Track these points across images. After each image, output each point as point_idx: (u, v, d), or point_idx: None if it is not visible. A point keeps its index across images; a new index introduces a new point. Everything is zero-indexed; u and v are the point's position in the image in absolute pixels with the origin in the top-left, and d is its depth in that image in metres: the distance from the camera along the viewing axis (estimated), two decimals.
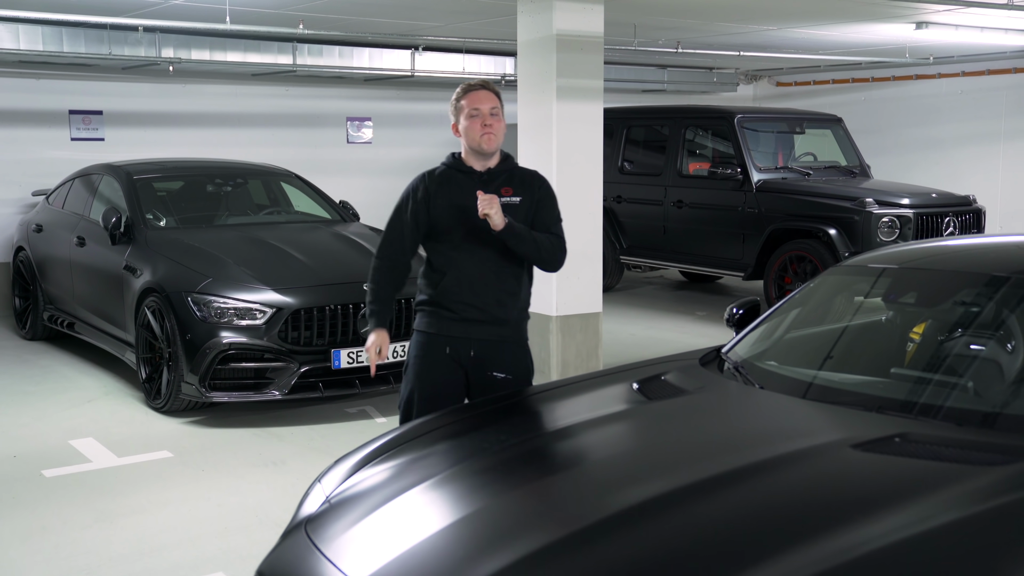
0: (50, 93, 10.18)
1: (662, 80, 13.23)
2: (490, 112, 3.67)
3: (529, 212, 3.78)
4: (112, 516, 4.65)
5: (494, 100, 3.71)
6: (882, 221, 8.80)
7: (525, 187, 3.80)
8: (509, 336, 3.77)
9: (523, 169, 3.90)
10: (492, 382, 3.72)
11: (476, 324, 3.72)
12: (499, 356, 3.74)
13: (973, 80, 12.79)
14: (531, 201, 3.78)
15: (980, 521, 2.26)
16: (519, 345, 3.82)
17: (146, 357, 6.51)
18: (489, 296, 3.72)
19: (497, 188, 3.72)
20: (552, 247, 3.77)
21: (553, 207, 3.86)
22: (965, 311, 3.44)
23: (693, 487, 2.51)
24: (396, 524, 2.59)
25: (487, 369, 3.73)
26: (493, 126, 3.67)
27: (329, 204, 8.05)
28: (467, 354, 3.73)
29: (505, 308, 3.74)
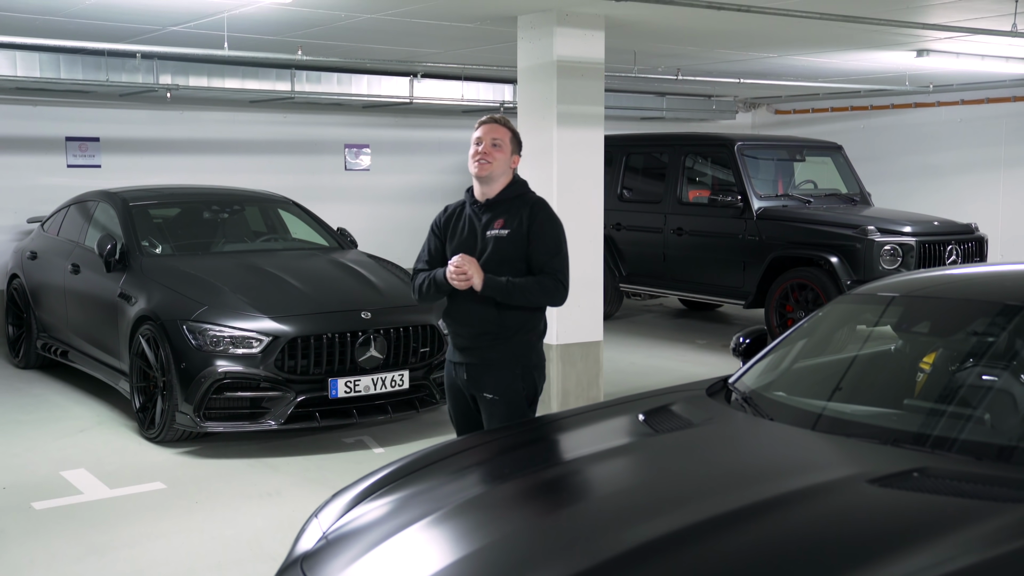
0: (47, 120, 10.13)
1: (661, 108, 13.21)
2: (491, 142, 3.85)
3: (520, 242, 3.82)
4: (104, 549, 4.53)
5: (500, 132, 3.88)
6: (884, 249, 8.74)
7: (518, 217, 3.85)
8: (496, 359, 3.87)
9: (527, 197, 3.93)
10: (485, 403, 3.90)
11: (468, 351, 3.92)
12: (485, 378, 3.88)
13: (972, 108, 12.79)
14: (520, 231, 3.82)
15: (1004, 562, 2.17)
16: (507, 367, 3.86)
17: (140, 386, 6.40)
18: (474, 327, 3.87)
19: (492, 219, 3.88)
20: (543, 289, 3.82)
21: (547, 239, 3.85)
22: (977, 340, 3.37)
23: (706, 523, 2.42)
24: (396, 562, 2.50)
25: (479, 390, 3.90)
26: (488, 154, 3.84)
27: (327, 231, 7.97)
28: (462, 377, 3.96)
29: (491, 336, 3.85)
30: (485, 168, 3.81)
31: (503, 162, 3.83)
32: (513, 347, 3.85)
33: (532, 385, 3.90)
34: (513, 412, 3.84)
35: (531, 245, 3.81)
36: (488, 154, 3.81)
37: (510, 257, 3.80)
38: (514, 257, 3.81)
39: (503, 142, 3.84)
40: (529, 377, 3.88)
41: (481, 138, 3.84)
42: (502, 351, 3.84)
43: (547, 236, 3.84)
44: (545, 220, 3.86)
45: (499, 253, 3.80)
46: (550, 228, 3.86)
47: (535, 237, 3.82)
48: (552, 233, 3.86)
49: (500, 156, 3.82)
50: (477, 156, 3.82)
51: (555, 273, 3.83)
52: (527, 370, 3.88)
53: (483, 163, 3.81)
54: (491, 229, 3.83)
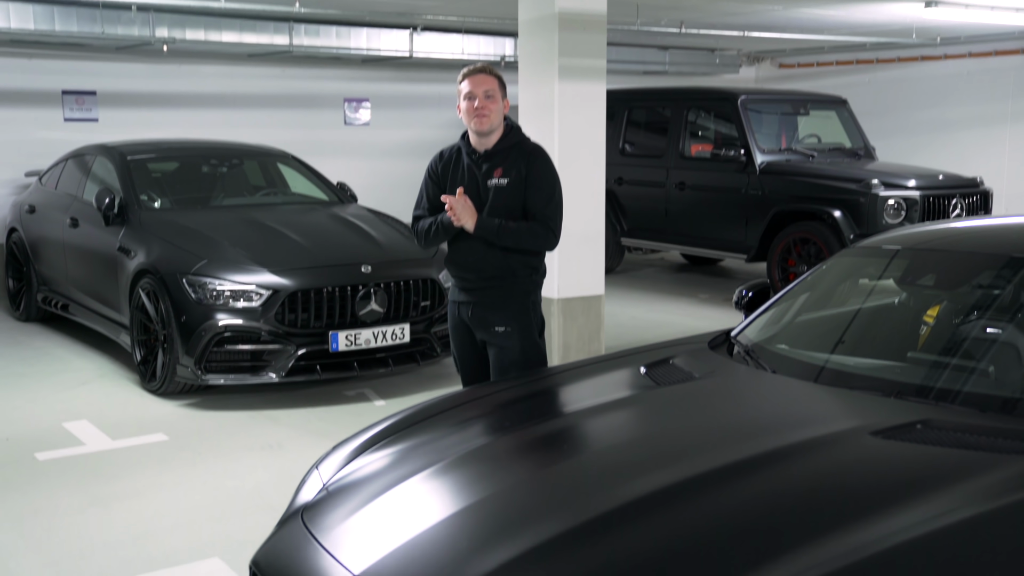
0: (43, 73, 10.03)
1: (663, 62, 13.08)
2: (484, 94, 3.88)
3: (519, 191, 3.94)
4: (106, 500, 4.55)
5: (489, 82, 3.91)
6: (888, 203, 8.69)
7: (517, 166, 3.94)
8: (506, 295, 3.98)
9: (524, 145, 4.01)
10: (496, 337, 3.99)
11: (472, 290, 4.03)
12: (495, 312, 3.99)
13: (979, 61, 12.65)
14: (519, 179, 3.92)
15: (1007, 514, 2.16)
16: (517, 301, 4.00)
17: (141, 339, 6.40)
18: (480, 271, 3.98)
19: (491, 170, 3.95)
20: (533, 234, 3.95)
21: (543, 187, 3.96)
22: (982, 293, 3.34)
23: (707, 476, 2.41)
24: (396, 513, 2.49)
25: (488, 326, 4.00)
26: (485, 107, 3.88)
27: (327, 185, 7.92)
28: (467, 314, 4.04)
29: (497, 279, 3.98)
30: (484, 123, 3.89)
31: (498, 112, 3.91)
32: (520, 284, 4.01)
33: (540, 318, 4.09)
34: (526, 342, 4.00)
35: (528, 193, 3.93)
36: (484, 107, 3.86)
37: (511, 205, 3.94)
38: (514, 206, 3.95)
39: (494, 91, 3.90)
40: (536, 310, 4.07)
41: (472, 92, 3.88)
42: (510, 289, 3.98)
43: (542, 184, 3.96)
44: (541, 168, 3.98)
45: (500, 202, 3.92)
46: (546, 176, 3.98)
47: (531, 185, 3.94)
48: (547, 181, 3.98)
49: (495, 107, 3.89)
50: (474, 112, 3.87)
51: (546, 220, 3.97)
52: (535, 304, 4.06)
53: (481, 117, 3.87)
54: (491, 179, 3.95)
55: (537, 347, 4.05)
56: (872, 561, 1.99)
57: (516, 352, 3.97)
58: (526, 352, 3.99)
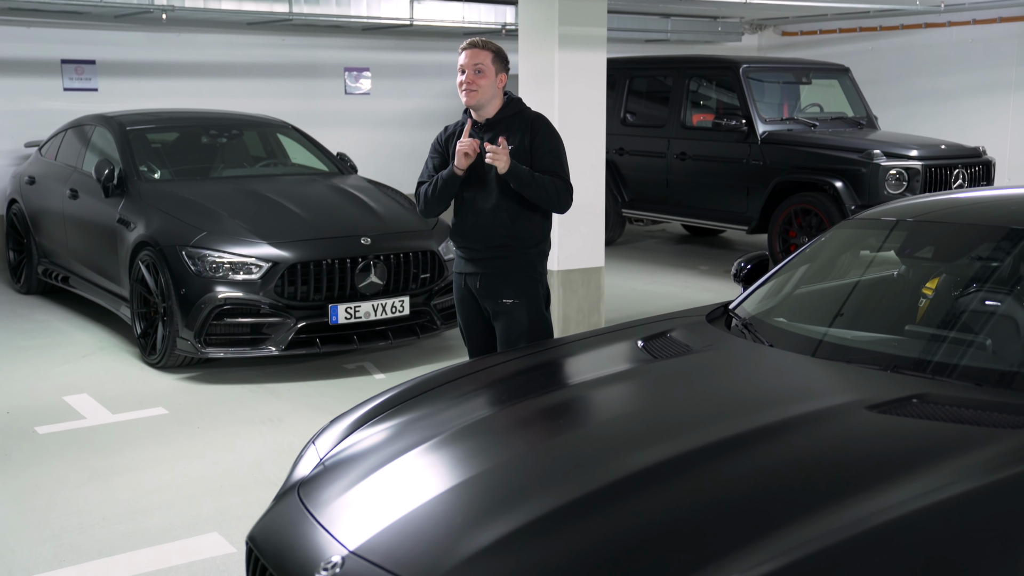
0: (41, 42, 9.95)
1: (665, 30, 12.96)
2: (473, 69, 3.92)
3: (523, 159, 3.96)
4: (106, 474, 4.57)
5: (481, 56, 3.93)
6: (890, 173, 8.64)
7: (521, 134, 3.98)
8: (513, 265, 4.02)
9: (526, 114, 4.05)
10: (503, 308, 4.03)
11: (481, 261, 4.07)
12: (503, 284, 4.03)
13: (984, 28, 12.52)
14: (524, 148, 3.95)
15: (1003, 488, 2.16)
16: (525, 272, 4.05)
17: (141, 312, 6.40)
18: (489, 239, 4.02)
19: (493, 139, 3.94)
20: (556, 189, 4.00)
21: (551, 152, 4.01)
22: (981, 265, 3.32)
23: (703, 450, 2.41)
24: (393, 488, 2.50)
25: (496, 297, 4.04)
26: (473, 82, 3.91)
27: (327, 156, 7.88)
28: (475, 285, 4.08)
29: (506, 247, 4.02)
30: (472, 96, 3.93)
31: (488, 86, 3.94)
32: (527, 256, 4.06)
33: (547, 290, 4.15)
34: (533, 313, 4.05)
35: (535, 158, 3.96)
36: (472, 82, 3.90)
37: None
38: None
39: (485, 65, 3.92)
40: (543, 282, 4.12)
41: (464, 66, 3.92)
42: (517, 260, 4.03)
43: (550, 149, 4.01)
44: (547, 134, 4.03)
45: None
46: (552, 140, 4.03)
47: (537, 150, 3.98)
48: (554, 145, 4.03)
49: (484, 82, 3.92)
50: (462, 86, 3.92)
51: (564, 180, 4.04)
52: (541, 276, 4.12)
53: (469, 92, 3.92)
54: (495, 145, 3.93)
55: (544, 319, 4.12)
56: (868, 535, 1.99)
57: (523, 324, 4.03)
58: (533, 324, 4.06)
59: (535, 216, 4.05)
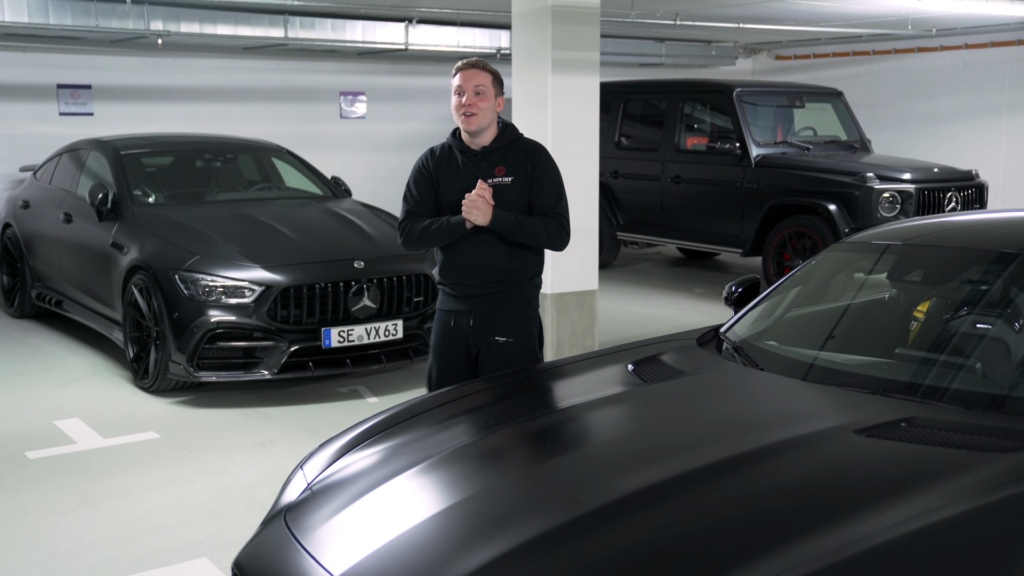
0: (38, 67, 10.00)
1: (660, 54, 13.04)
2: (474, 91, 3.69)
3: (523, 190, 3.77)
4: (96, 499, 4.54)
5: (481, 78, 3.71)
6: (883, 196, 8.67)
7: (520, 164, 3.78)
8: (509, 303, 3.81)
9: (523, 142, 3.84)
10: (495, 347, 3.78)
11: (475, 299, 3.80)
12: (499, 322, 3.79)
13: (976, 52, 12.61)
14: (524, 178, 3.76)
15: (991, 512, 2.15)
16: (521, 311, 3.84)
17: (134, 336, 6.39)
18: (484, 275, 3.77)
19: (491, 167, 3.75)
20: (548, 231, 3.79)
21: (551, 185, 3.82)
22: (972, 289, 3.33)
23: (692, 474, 2.40)
24: (380, 513, 2.48)
25: (488, 335, 3.79)
26: (474, 105, 3.69)
27: (321, 180, 7.90)
28: (467, 323, 3.81)
29: (501, 283, 3.80)
30: (473, 122, 3.69)
31: (489, 110, 3.71)
32: (522, 290, 3.84)
33: (540, 327, 3.94)
34: (527, 353, 3.84)
35: (534, 192, 3.77)
36: (472, 105, 3.67)
37: (514, 205, 3.74)
38: (518, 205, 3.74)
39: (486, 87, 3.70)
40: (537, 318, 3.92)
41: (462, 87, 3.69)
42: (512, 295, 3.81)
43: (550, 182, 3.81)
44: (547, 166, 3.82)
45: (504, 201, 3.71)
46: (552, 174, 3.84)
47: (538, 184, 3.78)
48: (554, 179, 3.83)
49: (485, 105, 3.69)
50: (462, 109, 3.68)
51: (560, 218, 3.82)
52: (535, 311, 3.91)
53: (469, 116, 3.68)
54: (493, 177, 3.73)
55: (537, 360, 3.88)
56: (855, 560, 1.99)
57: (515, 364, 3.75)
58: (526, 364, 3.79)
59: (531, 250, 3.83)
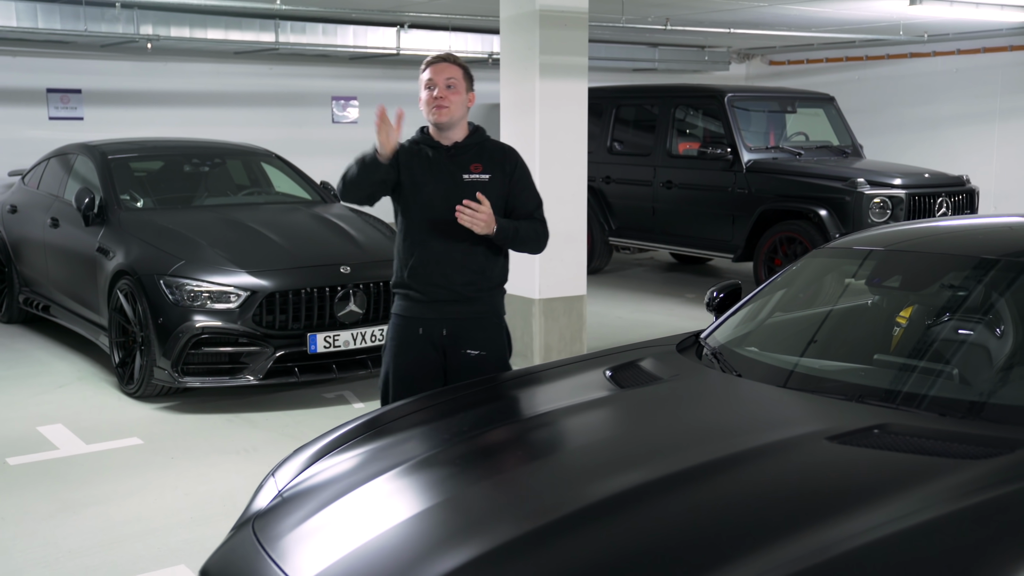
0: (27, 71, 9.99)
1: (653, 59, 13.04)
2: (445, 83, 3.56)
3: (502, 190, 3.67)
4: (75, 506, 4.51)
5: (452, 71, 3.59)
6: (873, 202, 8.66)
7: (496, 163, 3.67)
8: (481, 313, 3.68)
9: (494, 143, 3.77)
10: (467, 360, 3.64)
11: (447, 304, 3.63)
12: (471, 333, 3.65)
13: (968, 58, 12.62)
14: (503, 178, 3.67)
15: (959, 519, 2.13)
16: (492, 322, 3.73)
17: (119, 341, 6.36)
18: (458, 277, 3.62)
19: (466, 164, 3.64)
20: (537, 236, 3.73)
21: (531, 187, 3.76)
22: (952, 295, 3.31)
23: (660, 482, 2.37)
24: (347, 520, 2.45)
25: (460, 347, 3.65)
26: (446, 98, 3.56)
27: (310, 185, 7.88)
28: (439, 334, 3.64)
29: (475, 287, 3.65)
30: (444, 114, 3.56)
31: (460, 104, 3.59)
32: (493, 297, 3.72)
33: (508, 334, 3.82)
34: (499, 363, 3.73)
35: (515, 195, 3.68)
36: (444, 98, 3.54)
37: (491, 202, 3.56)
38: (496, 202, 3.59)
39: (457, 80, 3.57)
40: (505, 326, 3.81)
41: (433, 80, 3.56)
42: (485, 303, 3.68)
43: (530, 186, 3.75)
44: (524, 169, 3.75)
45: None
46: (530, 177, 3.77)
47: (518, 186, 3.70)
48: (531, 182, 3.78)
49: (456, 98, 3.57)
50: (433, 102, 3.55)
51: (543, 221, 3.77)
52: (503, 319, 3.80)
53: (440, 108, 3.54)
54: (468, 174, 3.61)
55: (507, 369, 3.77)
56: (818, 569, 1.96)
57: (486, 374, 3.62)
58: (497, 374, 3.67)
59: (500, 255, 3.72)
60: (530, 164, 6.46)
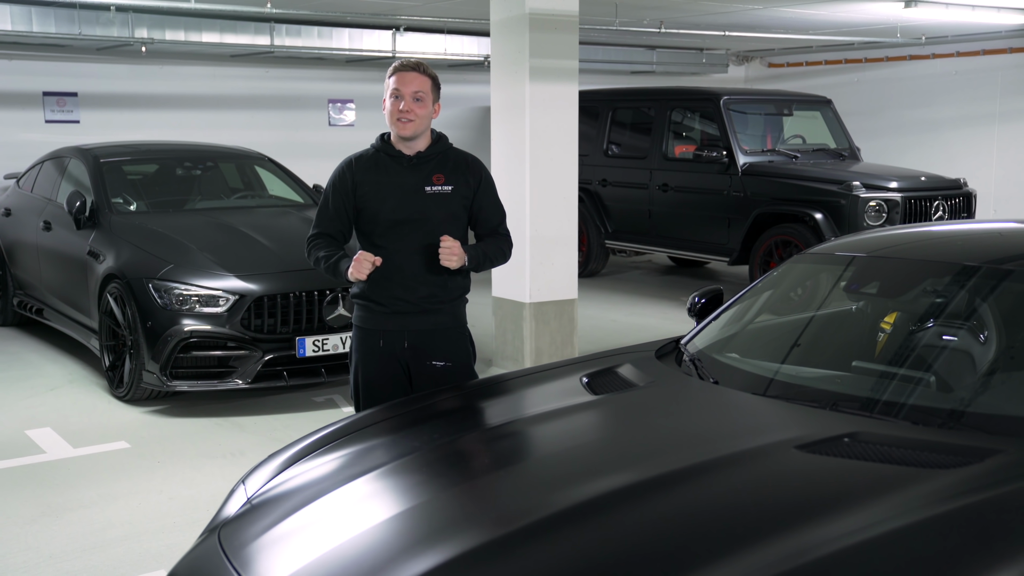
0: (23, 74, 10.00)
1: (651, 61, 13.02)
2: (412, 96, 3.48)
3: (464, 201, 3.62)
4: (58, 510, 4.51)
5: (421, 83, 3.50)
6: (869, 205, 8.63)
7: (459, 174, 3.61)
8: (443, 323, 3.63)
9: (457, 152, 3.69)
10: (432, 371, 3.59)
11: (408, 316, 3.58)
12: (435, 344, 3.60)
13: (967, 60, 12.58)
14: (466, 190, 3.61)
15: (927, 529, 2.11)
16: (455, 331, 3.67)
17: (109, 345, 6.36)
18: (420, 287, 3.56)
19: (428, 174, 3.57)
20: (503, 252, 3.71)
21: (496, 201, 3.70)
22: (932, 302, 3.28)
23: (630, 488, 2.36)
24: (315, 526, 2.44)
25: (424, 359, 3.59)
26: (412, 111, 3.48)
27: (303, 188, 7.87)
28: (401, 345, 3.59)
29: (437, 299, 3.60)
30: (408, 128, 3.48)
31: (426, 117, 3.51)
32: (455, 308, 3.66)
33: (472, 342, 3.76)
34: (464, 373, 3.68)
35: (480, 208, 3.64)
36: (410, 111, 3.46)
37: (451, 214, 3.57)
38: (457, 215, 3.58)
39: (425, 93, 3.49)
40: (470, 338, 3.75)
41: (400, 91, 3.47)
42: (447, 314, 3.62)
43: (495, 199, 3.70)
44: (489, 182, 3.68)
45: (442, 210, 3.55)
46: (494, 190, 3.71)
47: (484, 200, 3.64)
48: (496, 195, 3.72)
49: (422, 112, 3.49)
50: (398, 115, 3.47)
51: (507, 235, 3.74)
52: (468, 330, 3.74)
53: (405, 122, 3.47)
54: (430, 185, 3.55)
55: (473, 377, 3.72)
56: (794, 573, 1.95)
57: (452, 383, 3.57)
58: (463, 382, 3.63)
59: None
60: (520, 167, 6.52)
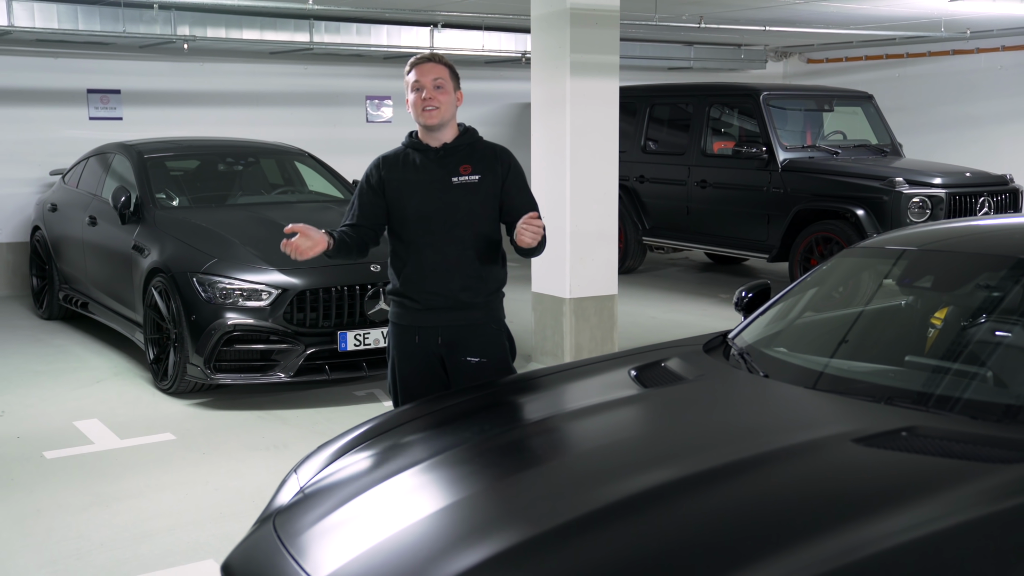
0: (68, 72, 10.13)
1: (688, 57, 12.95)
2: (433, 84, 3.48)
3: (493, 191, 3.59)
4: (108, 500, 4.57)
5: (439, 71, 3.50)
6: (912, 201, 8.53)
7: (486, 164, 3.59)
8: (478, 319, 3.60)
9: (485, 143, 3.68)
10: (467, 367, 3.57)
11: (442, 312, 3.56)
12: (469, 340, 3.58)
13: (1013, 55, 12.38)
14: (494, 180, 3.59)
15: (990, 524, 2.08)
16: (491, 327, 3.64)
17: (154, 338, 6.43)
18: (453, 283, 3.54)
19: (455, 165, 3.56)
20: (545, 239, 3.61)
21: (527, 190, 3.67)
22: (986, 296, 3.24)
23: (681, 482, 2.35)
24: (366, 517, 2.46)
25: (459, 355, 3.58)
26: (435, 99, 3.47)
27: (342, 183, 7.92)
28: (436, 342, 3.58)
29: (472, 292, 3.57)
30: (434, 116, 3.48)
31: (450, 104, 3.50)
32: (491, 302, 3.63)
33: (512, 341, 3.73)
34: (501, 369, 3.64)
35: (513, 197, 3.61)
36: (433, 99, 3.46)
37: (482, 204, 3.55)
38: (485, 205, 3.56)
39: (444, 80, 3.49)
40: (507, 333, 3.72)
41: (420, 82, 3.47)
42: (482, 309, 3.60)
43: (526, 188, 3.67)
44: (520, 171, 3.66)
45: (471, 200, 3.53)
46: (524, 178, 3.68)
47: (516, 189, 3.62)
48: (527, 184, 3.69)
49: (446, 99, 3.48)
50: (422, 104, 3.47)
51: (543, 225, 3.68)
52: (505, 326, 3.71)
53: (431, 111, 3.47)
54: (457, 176, 3.53)
55: (511, 372, 3.68)
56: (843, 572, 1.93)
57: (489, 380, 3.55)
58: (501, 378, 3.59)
59: (498, 258, 3.64)
60: (560, 163, 6.51)
